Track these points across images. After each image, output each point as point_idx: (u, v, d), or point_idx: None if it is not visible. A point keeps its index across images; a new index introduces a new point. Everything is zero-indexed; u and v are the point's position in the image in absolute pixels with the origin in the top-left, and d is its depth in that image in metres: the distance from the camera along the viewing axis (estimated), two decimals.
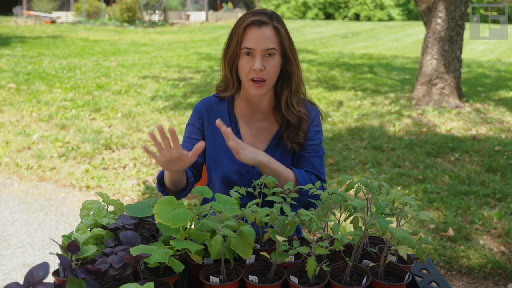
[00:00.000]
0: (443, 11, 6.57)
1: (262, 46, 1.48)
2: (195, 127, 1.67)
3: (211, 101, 1.68)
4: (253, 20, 1.49)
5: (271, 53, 1.50)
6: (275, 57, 1.51)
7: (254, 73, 1.49)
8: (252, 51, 1.49)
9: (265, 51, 1.49)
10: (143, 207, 1.30)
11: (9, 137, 5.29)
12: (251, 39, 1.49)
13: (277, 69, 1.53)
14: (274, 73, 1.53)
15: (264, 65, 1.49)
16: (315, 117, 1.67)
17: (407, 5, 32.15)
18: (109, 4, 26.00)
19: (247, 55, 1.50)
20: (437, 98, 6.75)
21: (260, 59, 1.48)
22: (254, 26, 1.49)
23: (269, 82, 1.53)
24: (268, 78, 1.51)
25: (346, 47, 15.76)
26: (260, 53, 1.48)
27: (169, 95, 7.41)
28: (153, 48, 13.94)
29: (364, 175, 4.22)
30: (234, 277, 1.13)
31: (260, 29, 1.49)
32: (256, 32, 1.49)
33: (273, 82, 1.55)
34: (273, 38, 1.50)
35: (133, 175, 4.36)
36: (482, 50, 15.70)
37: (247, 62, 1.50)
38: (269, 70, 1.50)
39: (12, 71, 9.19)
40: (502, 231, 3.28)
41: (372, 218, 1.08)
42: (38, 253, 3.14)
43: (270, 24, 1.51)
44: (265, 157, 1.48)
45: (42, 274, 0.92)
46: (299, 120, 1.59)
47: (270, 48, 1.49)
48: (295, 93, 1.60)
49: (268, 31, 1.49)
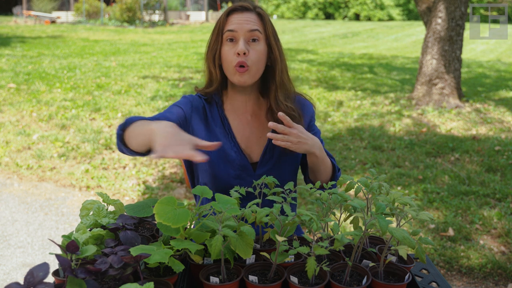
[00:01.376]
0: (443, 11, 6.57)
1: (246, 27, 1.42)
2: (182, 110, 1.52)
3: (200, 100, 1.58)
4: (236, 6, 1.46)
5: (255, 37, 1.44)
6: (259, 43, 1.45)
7: (238, 57, 1.42)
8: (235, 34, 1.43)
9: (249, 34, 1.43)
10: (143, 207, 1.30)
11: (9, 137, 5.29)
12: (233, 22, 1.44)
13: (261, 56, 1.46)
14: (258, 59, 1.45)
15: (248, 48, 1.43)
16: (313, 112, 1.64)
17: (407, 5, 32.17)
18: (109, 4, 26.00)
19: (230, 41, 1.44)
20: (437, 98, 6.75)
21: (243, 42, 1.43)
22: (237, 11, 1.46)
23: (253, 68, 1.44)
24: (252, 63, 1.43)
25: (346, 47, 15.77)
26: (243, 36, 1.43)
27: (169, 95, 7.41)
28: (153, 48, 13.95)
29: (364, 175, 4.22)
30: (234, 277, 1.13)
31: (243, 13, 1.45)
32: (239, 16, 1.44)
33: (258, 70, 1.47)
34: (257, 22, 1.45)
35: (133, 175, 4.36)
36: (482, 50, 15.70)
37: (230, 48, 1.44)
38: (253, 55, 1.43)
39: (12, 71, 9.19)
40: (502, 231, 3.28)
41: (372, 218, 1.08)
42: (38, 253, 3.14)
43: (253, 10, 1.46)
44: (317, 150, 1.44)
45: (42, 274, 0.92)
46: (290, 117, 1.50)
47: (253, 29, 1.43)
48: (281, 87, 1.51)
49: (252, 15, 1.45)
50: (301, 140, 1.38)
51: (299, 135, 1.37)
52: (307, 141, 1.40)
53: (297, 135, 1.37)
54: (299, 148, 1.39)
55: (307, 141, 1.39)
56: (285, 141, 1.36)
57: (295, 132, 1.36)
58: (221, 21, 1.47)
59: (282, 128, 1.35)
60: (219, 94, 1.58)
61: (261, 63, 1.47)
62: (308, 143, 1.40)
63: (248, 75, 1.45)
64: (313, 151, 1.43)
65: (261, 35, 1.45)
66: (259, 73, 1.49)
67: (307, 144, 1.40)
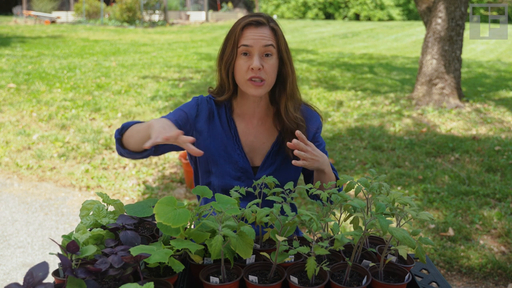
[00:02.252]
0: (443, 11, 6.57)
1: (261, 43, 1.47)
2: (186, 115, 1.57)
3: (211, 103, 1.63)
4: (251, 20, 1.49)
5: (268, 52, 1.48)
6: (272, 57, 1.50)
7: (253, 72, 1.47)
8: (250, 49, 1.47)
9: (263, 49, 1.47)
10: (143, 207, 1.30)
11: (9, 137, 5.29)
12: (249, 37, 1.48)
13: (275, 70, 1.51)
14: (273, 72, 1.51)
15: (262, 64, 1.47)
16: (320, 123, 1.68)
17: (407, 5, 32.16)
18: (109, 4, 26.00)
19: (244, 55, 1.48)
20: (437, 98, 6.75)
21: (258, 58, 1.47)
22: (252, 26, 1.49)
23: (268, 81, 1.50)
24: (267, 77, 1.49)
25: (346, 47, 15.76)
26: (258, 51, 1.47)
27: (169, 95, 7.41)
28: (153, 48, 13.94)
29: (364, 175, 4.22)
30: (234, 277, 1.13)
31: (258, 28, 1.49)
32: (254, 30, 1.48)
33: (272, 82, 1.53)
34: (271, 37, 1.50)
35: (133, 175, 4.36)
36: (482, 50, 15.70)
37: (245, 62, 1.48)
38: (268, 69, 1.49)
39: (12, 71, 9.19)
40: (502, 231, 3.28)
41: (372, 218, 1.08)
42: (38, 253, 3.14)
43: (267, 25, 1.50)
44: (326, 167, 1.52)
45: (42, 274, 0.92)
46: (297, 126, 1.57)
47: (268, 44, 1.48)
48: (291, 98, 1.57)
49: (266, 30, 1.49)
50: (314, 158, 1.45)
51: (313, 153, 1.45)
52: (319, 158, 1.47)
53: (311, 153, 1.44)
54: (312, 165, 1.46)
55: (319, 158, 1.47)
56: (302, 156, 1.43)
57: (310, 150, 1.44)
58: (237, 34, 1.50)
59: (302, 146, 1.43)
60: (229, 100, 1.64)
61: (274, 75, 1.53)
62: (319, 160, 1.47)
63: (263, 89, 1.51)
64: (323, 168, 1.50)
65: (274, 49, 1.50)
66: (272, 84, 1.55)
67: (319, 162, 1.47)
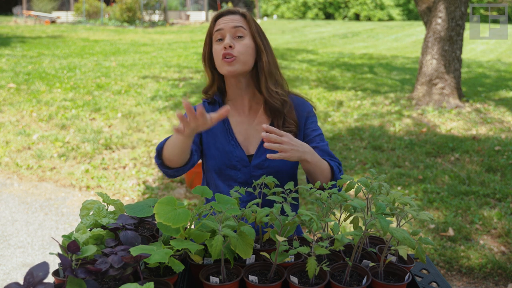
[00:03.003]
0: (443, 11, 6.57)
1: (230, 24, 1.55)
2: None
3: (204, 104, 1.72)
4: (221, 12, 1.61)
5: (240, 34, 1.55)
6: (244, 38, 1.56)
7: (224, 50, 1.54)
8: (222, 32, 1.55)
9: (234, 30, 1.55)
10: (143, 207, 1.30)
11: (9, 137, 5.29)
12: (220, 23, 1.57)
13: (248, 50, 1.56)
14: (245, 51, 1.56)
15: (233, 42, 1.54)
16: (311, 109, 1.69)
17: (407, 5, 32.17)
18: (109, 4, 26.00)
19: (219, 41, 1.57)
20: (437, 98, 6.75)
21: (229, 37, 1.54)
22: (222, 15, 1.60)
23: (240, 58, 1.54)
24: (239, 54, 1.54)
25: (346, 47, 15.76)
26: (229, 32, 1.55)
27: (169, 95, 7.41)
28: (153, 48, 13.94)
29: (364, 175, 4.22)
30: (234, 277, 1.13)
31: (228, 15, 1.59)
32: (225, 18, 1.59)
33: (246, 61, 1.57)
34: (241, 20, 1.58)
35: (133, 175, 4.36)
36: (482, 50, 15.70)
37: (219, 46, 1.56)
38: (239, 48, 1.54)
39: (12, 71, 9.19)
40: (502, 231, 3.28)
41: (372, 218, 1.08)
42: (38, 253, 3.14)
43: (238, 13, 1.60)
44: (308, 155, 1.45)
45: (42, 274, 0.92)
46: (282, 103, 1.60)
47: (237, 25, 1.55)
48: (270, 76, 1.61)
49: (236, 16, 1.59)
50: (293, 148, 1.39)
51: (290, 142, 1.39)
52: (298, 148, 1.41)
53: (288, 143, 1.38)
54: (292, 156, 1.40)
55: (298, 148, 1.41)
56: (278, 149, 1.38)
57: (286, 140, 1.38)
58: (210, 26, 1.62)
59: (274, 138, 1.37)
60: (220, 95, 1.70)
61: (249, 55, 1.57)
62: (299, 149, 1.41)
63: (236, 64, 1.54)
64: (305, 157, 1.44)
65: (245, 31, 1.57)
66: (247, 64, 1.58)
67: (298, 151, 1.41)
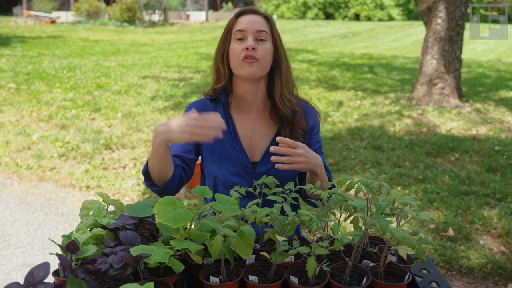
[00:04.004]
0: (443, 11, 6.57)
1: (254, 27, 1.52)
2: None
3: (206, 102, 1.65)
4: (245, 9, 1.57)
5: (262, 37, 1.53)
6: (266, 42, 1.54)
7: (246, 51, 1.50)
8: (244, 33, 1.52)
9: (257, 33, 1.52)
10: (143, 207, 1.30)
11: (9, 137, 5.29)
12: (243, 22, 1.54)
13: (269, 53, 1.54)
14: (266, 55, 1.53)
15: (256, 45, 1.51)
16: (317, 118, 1.67)
17: (407, 5, 32.16)
18: (109, 4, 25.99)
19: (238, 39, 1.53)
20: (437, 98, 6.75)
21: (252, 39, 1.51)
22: (245, 13, 1.56)
23: (262, 61, 1.52)
24: (261, 57, 1.51)
25: (346, 47, 15.76)
26: (252, 34, 1.52)
27: (169, 95, 7.42)
28: (153, 48, 13.94)
29: (364, 175, 4.22)
30: (234, 277, 1.13)
31: (252, 15, 1.55)
32: (248, 17, 1.55)
33: (266, 65, 1.54)
34: (264, 24, 1.55)
35: (133, 175, 4.36)
36: (482, 50, 15.70)
37: (239, 45, 1.52)
38: (261, 51, 1.52)
39: (12, 71, 9.19)
40: (502, 231, 3.28)
41: (372, 218, 1.08)
42: (38, 253, 3.14)
43: (261, 14, 1.57)
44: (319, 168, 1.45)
45: (42, 274, 0.92)
46: (292, 113, 1.58)
47: (261, 30, 1.53)
48: (286, 84, 1.59)
49: (260, 18, 1.55)
50: (307, 160, 1.39)
51: (304, 155, 1.38)
52: (312, 160, 1.41)
53: (302, 155, 1.38)
54: (305, 168, 1.41)
55: (311, 160, 1.41)
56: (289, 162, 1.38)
57: (300, 152, 1.37)
58: (231, 22, 1.56)
59: (286, 151, 1.36)
60: (226, 94, 1.64)
61: (268, 59, 1.55)
62: (312, 162, 1.42)
63: (257, 66, 1.51)
64: (316, 170, 1.45)
65: (268, 35, 1.54)
66: (266, 68, 1.55)
67: (311, 163, 1.42)
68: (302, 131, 1.60)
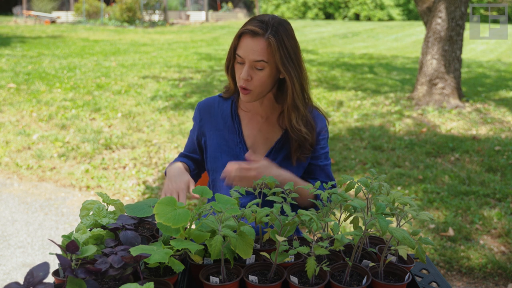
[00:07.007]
0: (443, 11, 6.57)
1: (251, 57, 1.46)
2: (196, 123, 1.73)
3: (214, 101, 1.70)
4: (247, 29, 1.47)
5: (258, 67, 1.48)
6: (264, 70, 1.48)
7: (242, 81, 1.51)
8: (242, 59, 1.49)
9: (253, 62, 1.47)
10: (143, 207, 1.30)
11: (9, 137, 5.29)
12: (242, 48, 1.48)
13: (265, 80, 1.50)
14: (261, 84, 1.50)
15: (251, 75, 1.48)
16: (325, 125, 1.69)
17: (407, 5, 32.15)
18: (109, 4, 26.00)
19: (239, 63, 1.51)
20: (437, 98, 6.75)
21: (247, 69, 1.48)
22: (247, 35, 1.46)
23: (255, 92, 1.52)
24: (254, 88, 1.50)
25: (346, 47, 15.76)
26: (249, 63, 1.47)
27: (169, 95, 7.41)
28: (153, 48, 13.94)
29: (364, 175, 4.22)
30: (234, 277, 1.13)
31: (252, 39, 1.45)
32: (248, 41, 1.46)
33: (261, 92, 1.53)
34: (264, 51, 1.45)
35: (133, 175, 4.36)
36: (482, 50, 15.70)
37: (238, 69, 1.52)
38: (255, 82, 1.49)
39: (12, 71, 9.19)
40: (502, 231, 3.28)
41: (372, 218, 1.08)
42: (38, 253, 3.14)
43: (264, 36, 1.45)
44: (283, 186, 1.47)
45: (42, 274, 0.92)
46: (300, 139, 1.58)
47: (258, 60, 1.46)
48: (293, 109, 1.54)
49: (260, 42, 1.45)
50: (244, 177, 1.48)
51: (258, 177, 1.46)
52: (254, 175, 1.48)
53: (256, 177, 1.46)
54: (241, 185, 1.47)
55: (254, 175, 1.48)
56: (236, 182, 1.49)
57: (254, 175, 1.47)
58: (235, 41, 1.51)
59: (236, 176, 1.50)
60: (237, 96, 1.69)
61: (265, 86, 1.52)
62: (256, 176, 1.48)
63: (250, 96, 1.54)
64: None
65: (266, 64, 1.47)
66: (263, 93, 1.55)
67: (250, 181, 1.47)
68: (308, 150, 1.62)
